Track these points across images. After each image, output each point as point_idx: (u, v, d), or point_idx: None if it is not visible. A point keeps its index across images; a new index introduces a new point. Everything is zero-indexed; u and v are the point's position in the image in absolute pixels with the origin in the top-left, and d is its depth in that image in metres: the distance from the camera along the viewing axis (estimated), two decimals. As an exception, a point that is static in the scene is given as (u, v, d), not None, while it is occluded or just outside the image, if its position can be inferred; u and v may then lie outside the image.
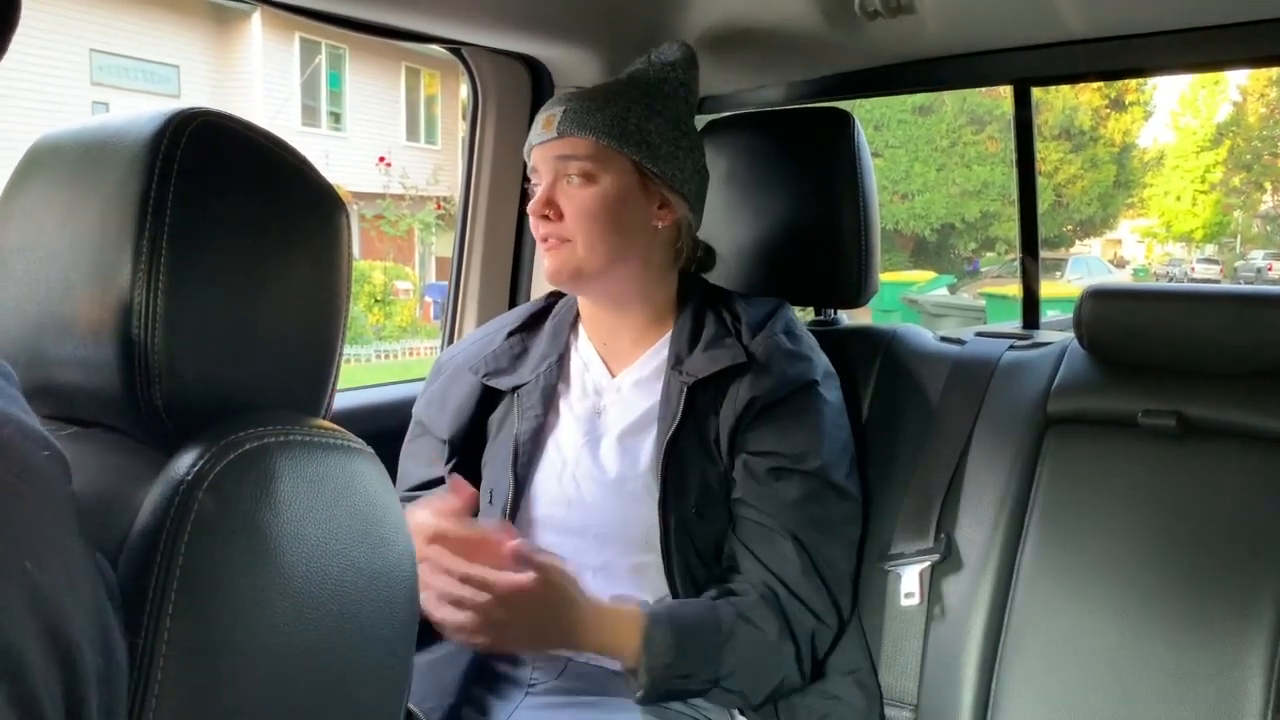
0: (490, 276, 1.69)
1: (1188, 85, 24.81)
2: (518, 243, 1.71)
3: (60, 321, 0.57)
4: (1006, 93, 1.54)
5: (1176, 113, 25.07)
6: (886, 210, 18.18)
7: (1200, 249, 25.09)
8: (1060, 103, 19.70)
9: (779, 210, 1.42)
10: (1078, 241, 22.86)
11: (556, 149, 1.18)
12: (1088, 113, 20.60)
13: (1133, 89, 21.15)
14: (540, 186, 1.19)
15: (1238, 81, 24.72)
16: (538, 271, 1.70)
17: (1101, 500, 1.18)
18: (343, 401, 1.46)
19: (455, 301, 1.71)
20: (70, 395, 0.58)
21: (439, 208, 11.65)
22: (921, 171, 19.32)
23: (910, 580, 1.22)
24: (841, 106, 1.46)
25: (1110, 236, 26.11)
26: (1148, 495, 1.16)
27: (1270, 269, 20.21)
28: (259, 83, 11.87)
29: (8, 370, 0.48)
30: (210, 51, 11.86)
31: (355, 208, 10.55)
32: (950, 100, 18.50)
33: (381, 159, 11.61)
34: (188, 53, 11.56)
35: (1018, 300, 1.64)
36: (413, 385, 1.52)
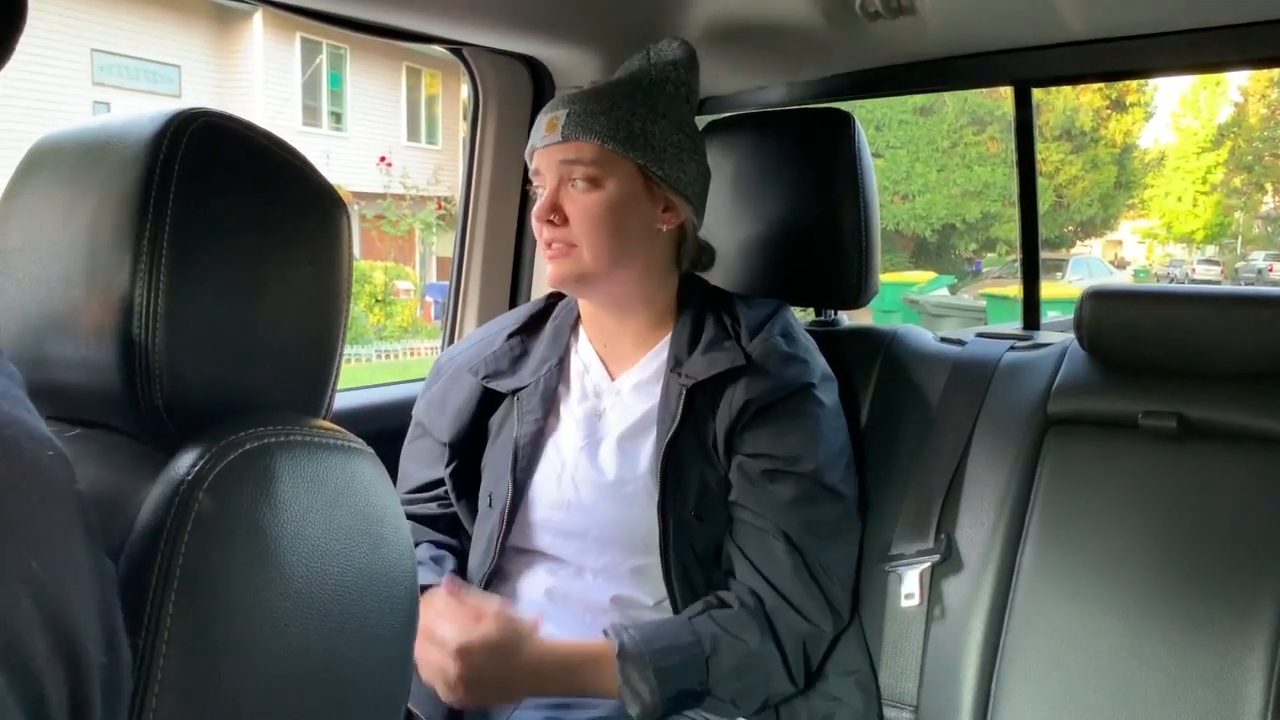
0: (491, 276, 1.70)
1: (1189, 86, 24.83)
2: (518, 243, 1.71)
3: (61, 321, 0.57)
4: (1007, 93, 1.54)
5: (1177, 114, 25.05)
6: (887, 211, 18.17)
7: (1201, 250, 25.08)
8: (1061, 103, 19.70)
9: (779, 211, 1.42)
10: (1078, 242, 22.85)
11: (561, 153, 1.17)
12: (1089, 113, 20.60)
13: (1134, 90, 21.14)
14: (544, 190, 1.18)
15: (1239, 83, 24.75)
16: (538, 272, 1.71)
17: (1102, 501, 1.18)
18: (343, 402, 1.47)
19: (456, 301, 1.71)
20: (71, 395, 0.58)
21: (440, 208, 11.65)
22: (922, 172, 19.31)
23: (910, 581, 1.22)
24: (842, 107, 1.47)
25: (1111, 237, 26.09)
26: (1148, 496, 1.16)
27: (1271, 270, 20.19)
28: (260, 83, 11.87)
29: (13, 371, 0.48)
30: (211, 51, 11.87)
31: (356, 208, 10.55)
32: (951, 101, 18.48)
33: (382, 159, 11.62)
34: (189, 52, 11.57)
35: (1018, 301, 1.64)
36: (413, 385, 1.52)
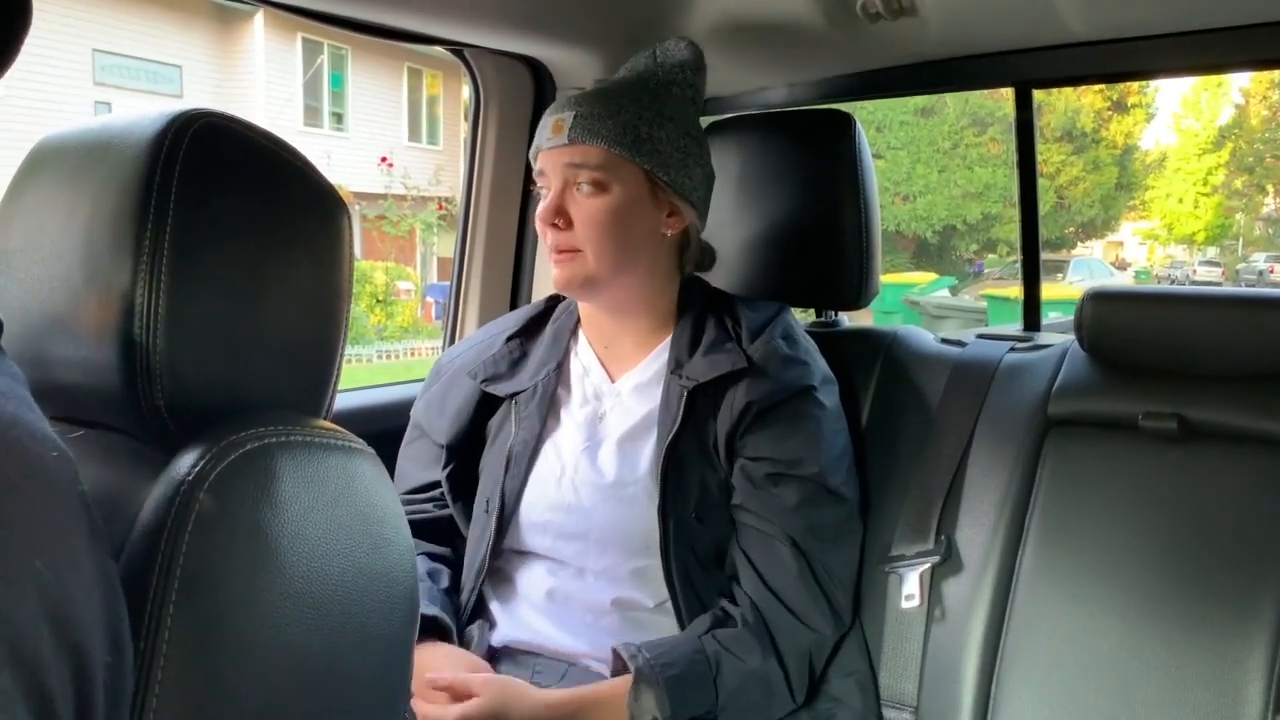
0: (492, 277, 1.70)
1: (1190, 88, 24.79)
2: (519, 244, 1.71)
3: (63, 322, 0.57)
4: (1008, 95, 1.54)
5: (1179, 115, 25.02)
6: (888, 212, 18.16)
7: (1202, 251, 25.05)
8: (1062, 105, 19.69)
9: (780, 212, 1.42)
10: (1079, 243, 22.84)
11: (566, 156, 1.16)
12: (1090, 115, 20.59)
13: (1135, 91, 21.13)
14: (549, 193, 1.18)
15: (1240, 84, 24.72)
16: (539, 273, 1.71)
17: (1102, 503, 1.18)
18: (343, 402, 1.47)
19: (457, 302, 1.71)
20: (72, 395, 0.58)
21: (441, 208, 11.66)
22: (923, 173, 19.30)
23: (911, 582, 1.22)
24: (843, 108, 1.47)
25: (1112, 239, 26.07)
26: (1148, 498, 1.16)
27: (1272, 271, 20.17)
28: (261, 83, 11.88)
29: (17, 372, 0.49)
30: (213, 52, 11.87)
31: (357, 208, 10.56)
32: (952, 102, 18.48)
33: (383, 159, 11.63)
34: (190, 53, 11.57)
35: (1019, 302, 1.64)
36: (413, 386, 1.52)
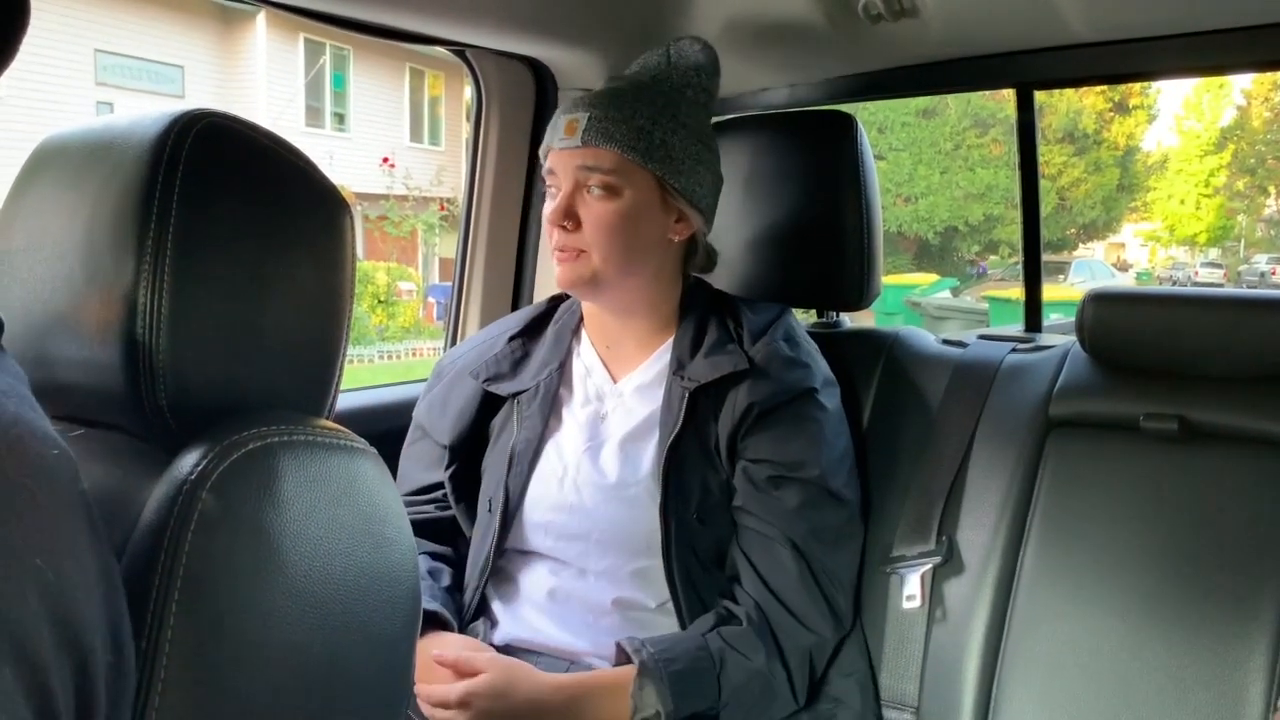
0: (493, 278, 1.70)
1: (1192, 89, 24.79)
2: (521, 244, 1.71)
3: (65, 322, 0.57)
4: (1010, 96, 1.54)
5: (1180, 116, 25.02)
6: (889, 213, 18.16)
7: (1204, 253, 25.04)
8: (1064, 106, 19.68)
9: (782, 213, 1.42)
10: (1081, 245, 22.82)
11: (579, 158, 1.16)
12: (1091, 116, 20.58)
13: (1137, 92, 21.12)
14: (559, 193, 1.17)
15: (1242, 85, 24.73)
16: (541, 273, 1.71)
17: (1103, 503, 1.18)
18: (345, 402, 1.47)
19: (458, 303, 1.71)
20: (75, 395, 0.58)
21: (442, 209, 11.66)
22: (925, 174, 19.29)
23: (912, 583, 1.22)
24: (844, 109, 1.47)
25: (1113, 240, 26.05)
26: (1149, 499, 1.16)
27: (1274, 273, 20.17)
28: (263, 83, 11.88)
29: (18, 371, 0.49)
30: (215, 52, 11.88)
31: (359, 209, 10.57)
32: (954, 103, 18.48)
33: (385, 160, 11.63)
34: (192, 53, 11.58)
35: (1020, 303, 1.64)
36: (415, 386, 1.52)
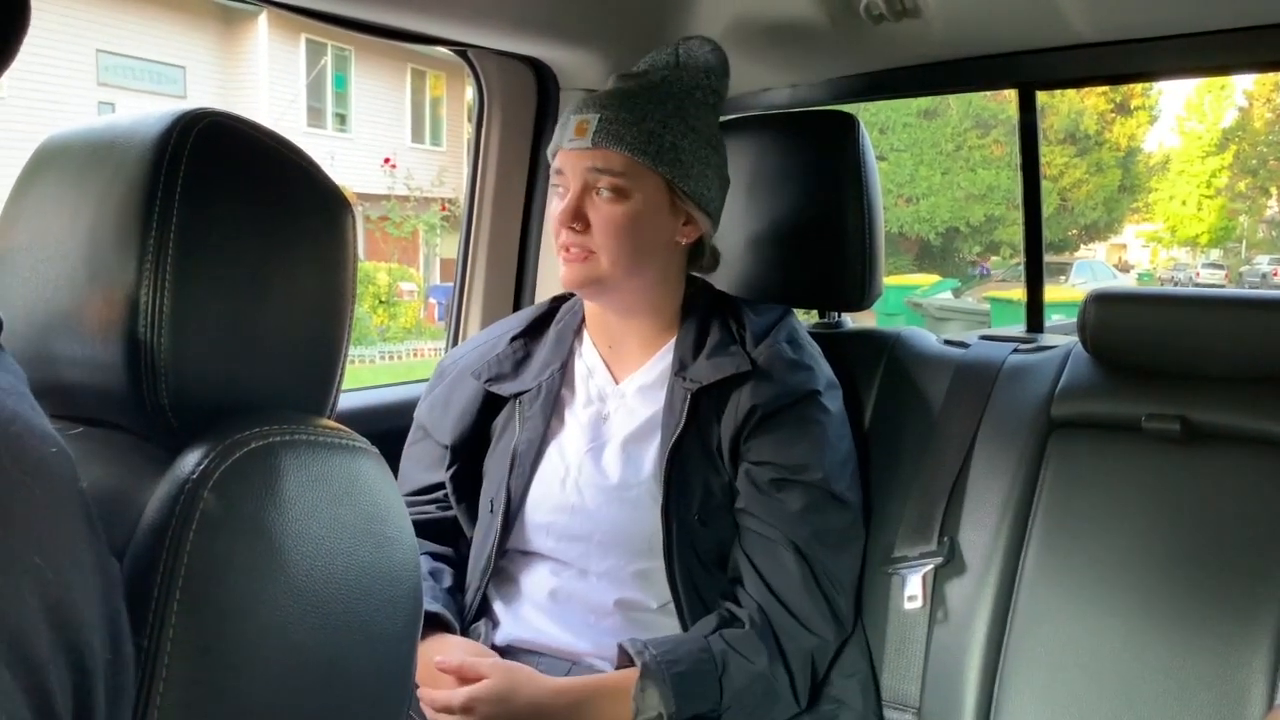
0: (495, 278, 1.70)
1: (1193, 90, 24.76)
2: (523, 245, 1.71)
3: (67, 321, 0.57)
4: (1012, 96, 1.54)
5: (1182, 117, 24.99)
6: (891, 213, 18.16)
7: (1205, 254, 25.03)
8: (1066, 106, 19.67)
9: (783, 213, 1.42)
10: (1082, 245, 22.81)
11: (589, 159, 1.16)
12: (1093, 117, 20.57)
13: (1138, 93, 21.11)
14: (568, 194, 1.17)
15: (1244, 86, 24.70)
16: (542, 274, 1.71)
17: (1105, 504, 1.18)
18: (346, 402, 1.46)
19: (460, 303, 1.71)
20: (76, 394, 0.58)
21: (444, 209, 11.66)
22: (926, 175, 19.29)
23: (914, 583, 1.22)
24: (846, 109, 1.47)
25: (1115, 241, 26.03)
26: (1151, 499, 1.16)
27: (1276, 274, 20.14)
28: (265, 84, 11.88)
29: (18, 369, 0.49)
30: (216, 52, 11.88)
31: (360, 209, 10.56)
32: (955, 104, 18.47)
33: (387, 160, 11.62)
34: (194, 54, 11.58)
35: (1022, 304, 1.64)
36: (416, 386, 1.52)
